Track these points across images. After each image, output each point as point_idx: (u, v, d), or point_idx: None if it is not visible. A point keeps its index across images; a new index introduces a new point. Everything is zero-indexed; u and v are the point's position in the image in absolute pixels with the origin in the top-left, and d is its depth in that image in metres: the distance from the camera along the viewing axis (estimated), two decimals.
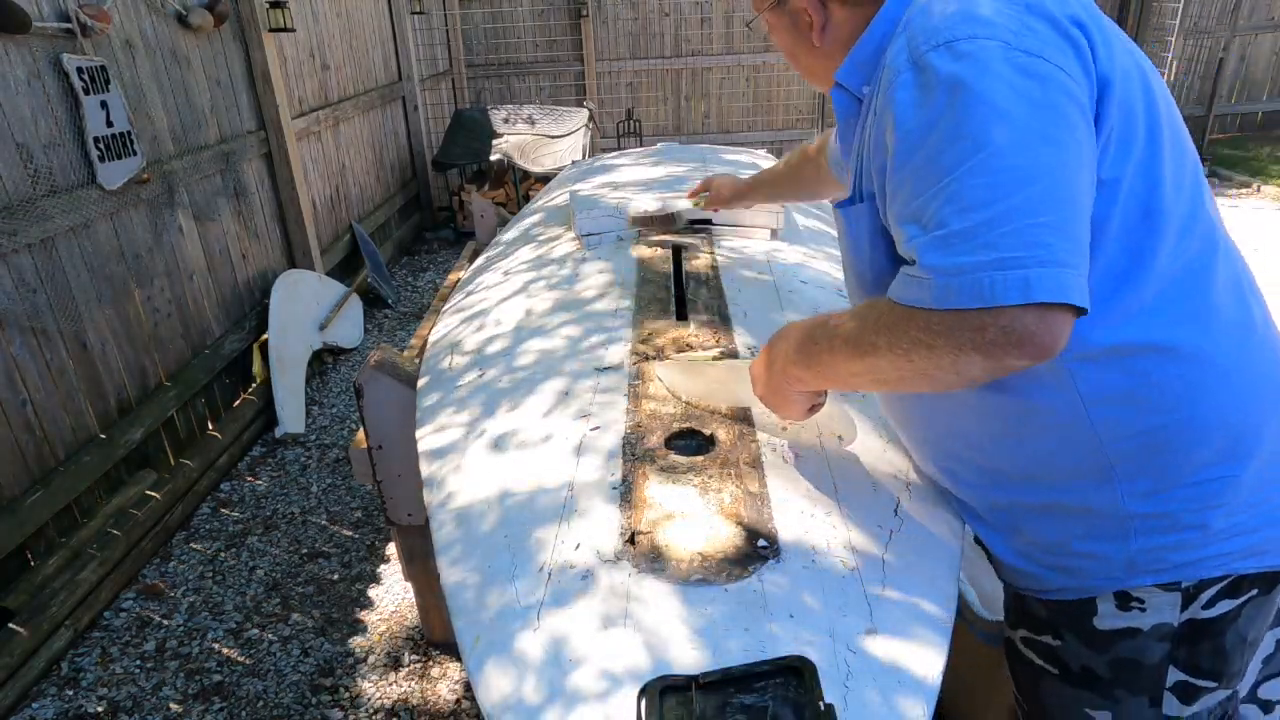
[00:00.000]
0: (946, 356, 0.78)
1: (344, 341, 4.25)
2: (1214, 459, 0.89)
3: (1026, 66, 0.77)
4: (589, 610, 0.92)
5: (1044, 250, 0.73)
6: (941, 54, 0.79)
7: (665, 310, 1.65)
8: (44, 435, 2.39)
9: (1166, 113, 0.88)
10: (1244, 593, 0.92)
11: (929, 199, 0.77)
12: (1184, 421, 0.89)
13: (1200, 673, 0.94)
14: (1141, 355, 0.87)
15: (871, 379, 0.91)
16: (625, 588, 0.94)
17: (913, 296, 0.79)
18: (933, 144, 0.78)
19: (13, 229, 2.26)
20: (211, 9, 3.29)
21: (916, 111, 0.80)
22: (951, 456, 1.05)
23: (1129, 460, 0.90)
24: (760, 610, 0.90)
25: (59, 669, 2.28)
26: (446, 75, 7.44)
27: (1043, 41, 0.78)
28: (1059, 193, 0.75)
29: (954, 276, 0.75)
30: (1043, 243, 0.73)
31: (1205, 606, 0.92)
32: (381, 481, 1.86)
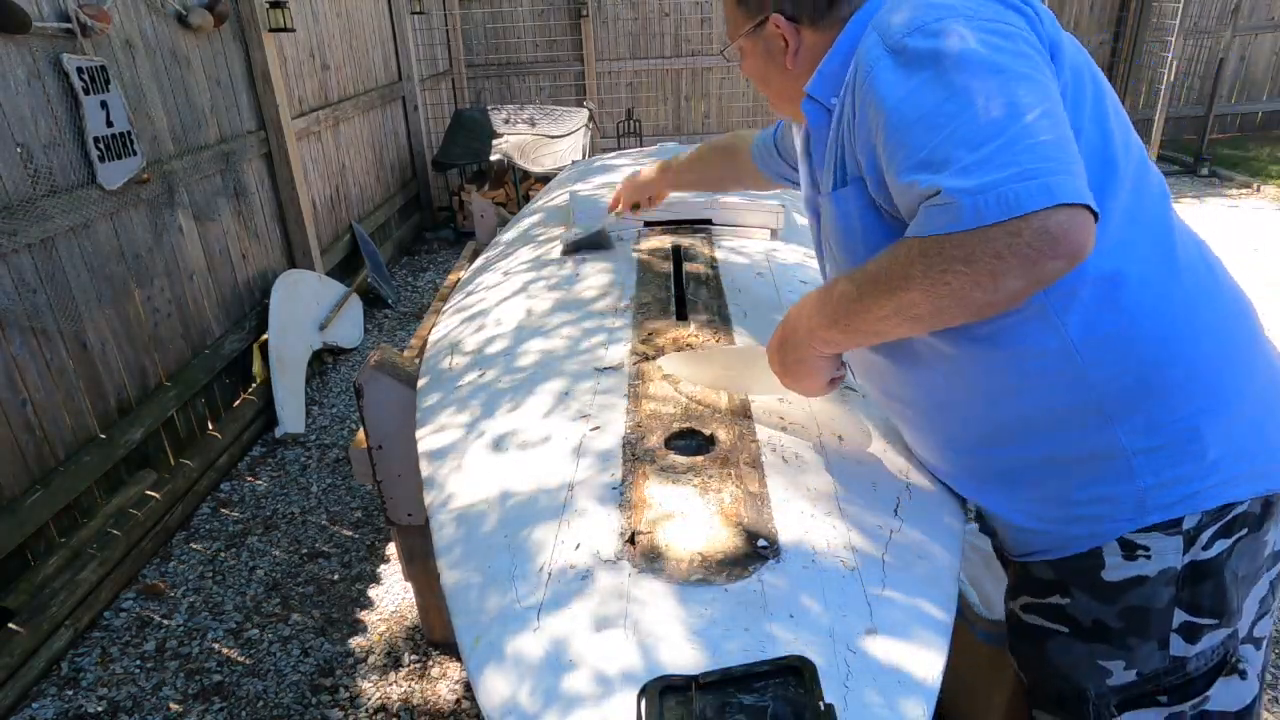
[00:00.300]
0: (984, 272, 0.80)
1: (344, 341, 4.25)
2: (1201, 390, 0.94)
3: (993, 29, 0.85)
4: (589, 610, 0.92)
5: (1055, 162, 0.78)
6: (916, 37, 0.86)
7: (665, 310, 1.65)
8: (44, 435, 2.39)
9: (1106, 86, 0.97)
10: (1236, 531, 0.97)
11: (936, 146, 0.82)
12: (1171, 357, 0.94)
13: (1202, 611, 0.97)
14: (1120, 289, 0.93)
15: (905, 318, 0.91)
16: (625, 588, 0.94)
17: (939, 224, 0.81)
18: (928, 103, 0.83)
19: (13, 229, 2.26)
20: (211, 9, 3.29)
21: (904, 83, 0.86)
22: (950, 429, 1.08)
23: (1122, 397, 0.94)
24: (760, 610, 0.90)
25: (59, 669, 2.28)
26: (446, 75, 7.45)
27: (997, 14, 0.87)
28: (1054, 117, 0.81)
29: (980, 195, 0.78)
30: (1052, 156, 0.78)
31: (1204, 548, 0.96)
32: (381, 481, 1.86)
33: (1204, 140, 7.18)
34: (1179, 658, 0.99)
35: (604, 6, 7.66)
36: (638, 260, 1.94)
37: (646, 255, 1.97)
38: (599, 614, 0.92)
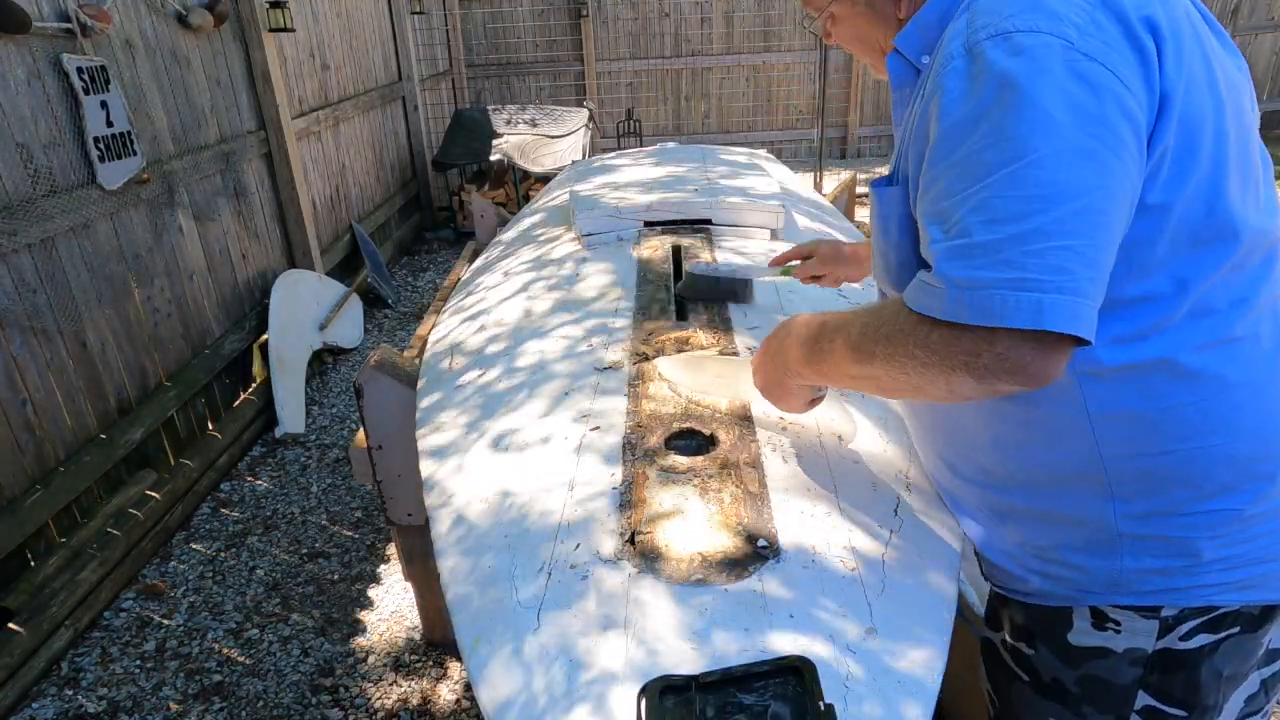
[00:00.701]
0: (939, 374, 0.77)
1: (344, 341, 4.25)
2: (1217, 491, 0.86)
3: (1084, 72, 0.72)
4: (589, 610, 0.92)
5: (1066, 277, 0.70)
6: (998, 45, 0.74)
7: (665, 310, 1.65)
8: (44, 435, 2.39)
9: (1238, 126, 0.81)
10: (1224, 629, 0.90)
11: (958, 202, 0.75)
12: (1193, 452, 0.85)
13: (1171, 701, 0.92)
14: (1159, 375, 0.83)
15: (871, 385, 0.91)
16: (625, 588, 0.94)
17: (923, 303, 0.77)
18: (973, 143, 0.74)
19: (13, 229, 2.26)
20: (211, 9, 3.29)
21: (962, 104, 0.76)
22: (953, 449, 1.04)
23: (1129, 480, 0.88)
24: (760, 610, 0.90)
25: (59, 669, 2.28)
26: (446, 75, 7.45)
27: (1107, 44, 0.73)
28: (1094, 216, 0.71)
29: (968, 290, 0.73)
30: (1066, 268, 0.70)
31: (1183, 638, 0.90)
32: (381, 481, 1.86)
33: None
34: None
35: (604, 6, 7.66)
36: (638, 260, 1.94)
37: (647, 255, 1.97)
38: (599, 614, 0.92)
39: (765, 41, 7.94)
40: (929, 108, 0.81)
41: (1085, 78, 0.72)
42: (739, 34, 7.88)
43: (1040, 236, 0.70)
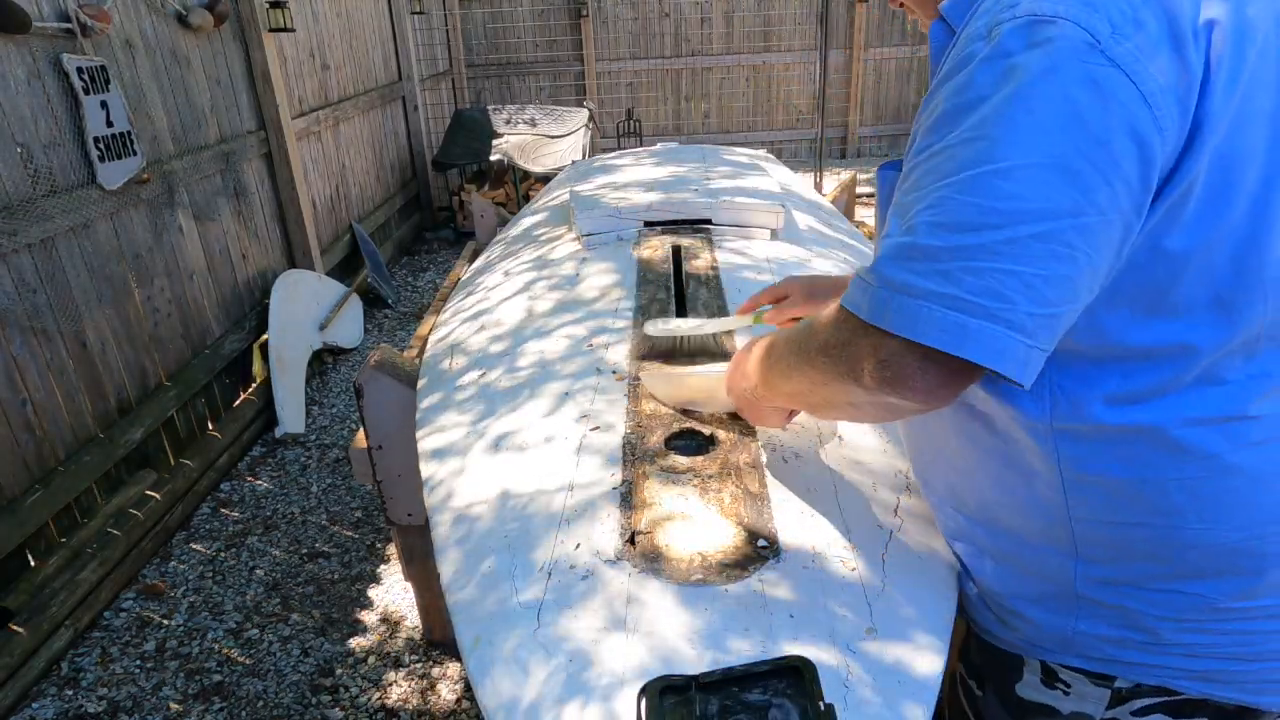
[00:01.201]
0: (836, 383, 0.73)
1: (344, 341, 4.25)
2: (1188, 574, 0.78)
3: (1099, 79, 0.62)
4: (589, 610, 0.92)
5: (1002, 304, 0.63)
6: (1018, 30, 0.65)
7: (665, 310, 1.65)
8: (44, 435, 2.39)
9: None
10: (1187, 715, 0.82)
11: (920, 196, 0.68)
12: (1169, 530, 0.76)
13: None
14: (1146, 444, 0.74)
15: (802, 403, 0.86)
16: (625, 588, 0.94)
17: (854, 301, 0.71)
18: (955, 135, 0.67)
19: (13, 229, 2.26)
20: (211, 9, 3.29)
21: (962, 91, 0.68)
22: (929, 469, 0.98)
23: (1096, 545, 0.80)
24: (760, 610, 0.90)
25: (59, 669, 2.28)
26: (446, 75, 7.45)
27: (1140, 50, 0.62)
28: (1054, 246, 0.63)
29: (898, 294, 0.67)
30: (1006, 296, 0.63)
31: (1135, 713, 0.84)
32: (381, 481, 1.86)
33: None
34: None
35: (604, 6, 7.66)
36: (638, 260, 1.94)
37: (647, 255, 1.97)
38: (599, 614, 0.92)
39: (765, 41, 7.94)
40: (934, 90, 0.73)
41: (1098, 86, 0.62)
42: (739, 34, 7.88)
43: (985, 254, 0.63)
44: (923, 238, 0.66)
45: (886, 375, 0.68)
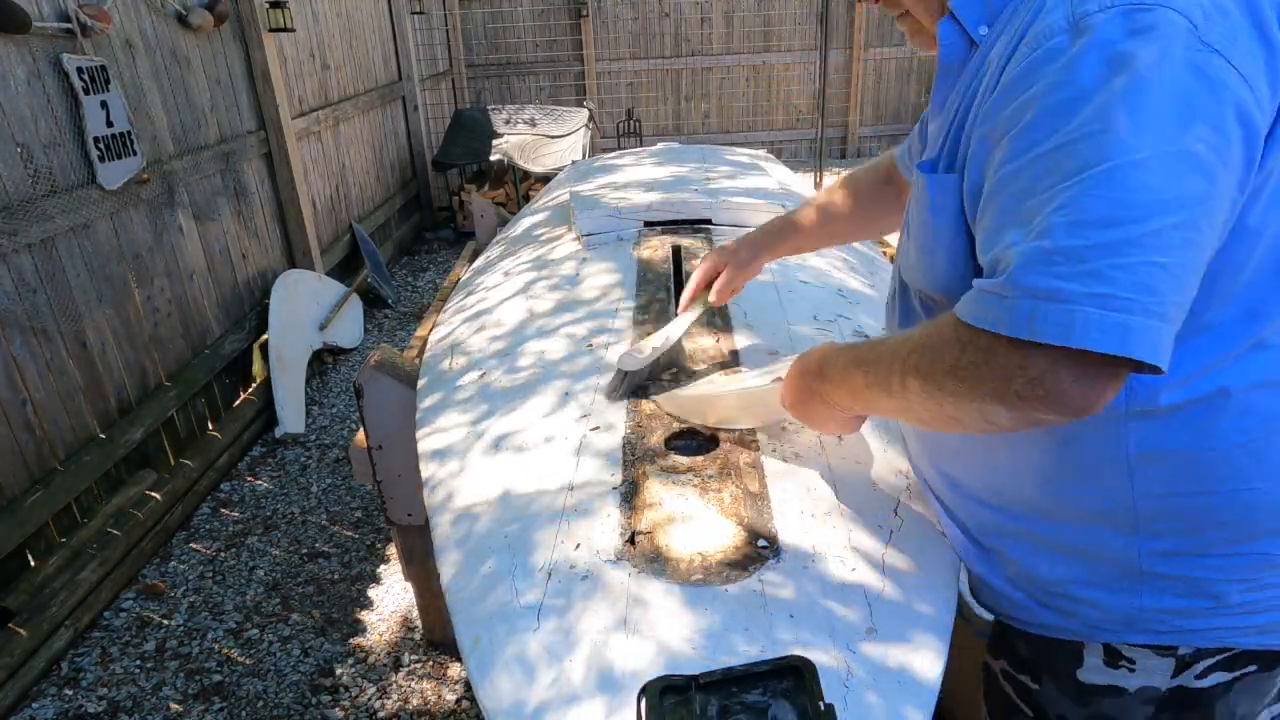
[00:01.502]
0: (970, 402, 0.70)
1: (344, 341, 4.25)
2: (1253, 535, 0.80)
3: (1204, 65, 0.62)
4: (589, 610, 0.92)
5: (1154, 298, 0.62)
6: (1115, 19, 0.64)
7: (665, 310, 1.65)
8: (44, 435, 2.39)
9: None
10: (1240, 667, 0.85)
11: (1044, 200, 0.65)
12: (1235, 494, 0.78)
13: None
14: (1213, 412, 0.76)
15: (912, 417, 0.83)
16: (625, 588, 0.94)
17: (982, 316, 0.67)
18: (1069, 132, 0.64)
19: (13, 229, 2.26)
20: (211, 9, 3.30)
21: (1062, 88, 0.66)
22: (960, 464, 0.95)
23: (1161, 519, 0.81)
24: (760, 610, 0.90)
25: (59, 669, 2.28)
26: (446, 75, 7.45)
27: (1231, 34, 0.63)
28: (1191, 234, 0.62)
29: (1045, 302, 0.63)
30: (1157, 289, 0.62)
31: (1199, 676, 0.86)
32: (381, 481, 1.86)
33: None
34: None
35: (604, 6, 7.66)
36: (638, 260, 1.94)
37: (647, 255, 1.97)
38: (599, 614, 0.92)
39: (765, 41, 7.94)
40: (1015, 92, 0.71)
41: (1204, 71, 0.62)
42: (739, 34, 7.88)
43: (1134, 249, 0.61)
44: (1062, 239, 0.63)
45: (1039, 392, 0.65)
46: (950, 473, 0.98)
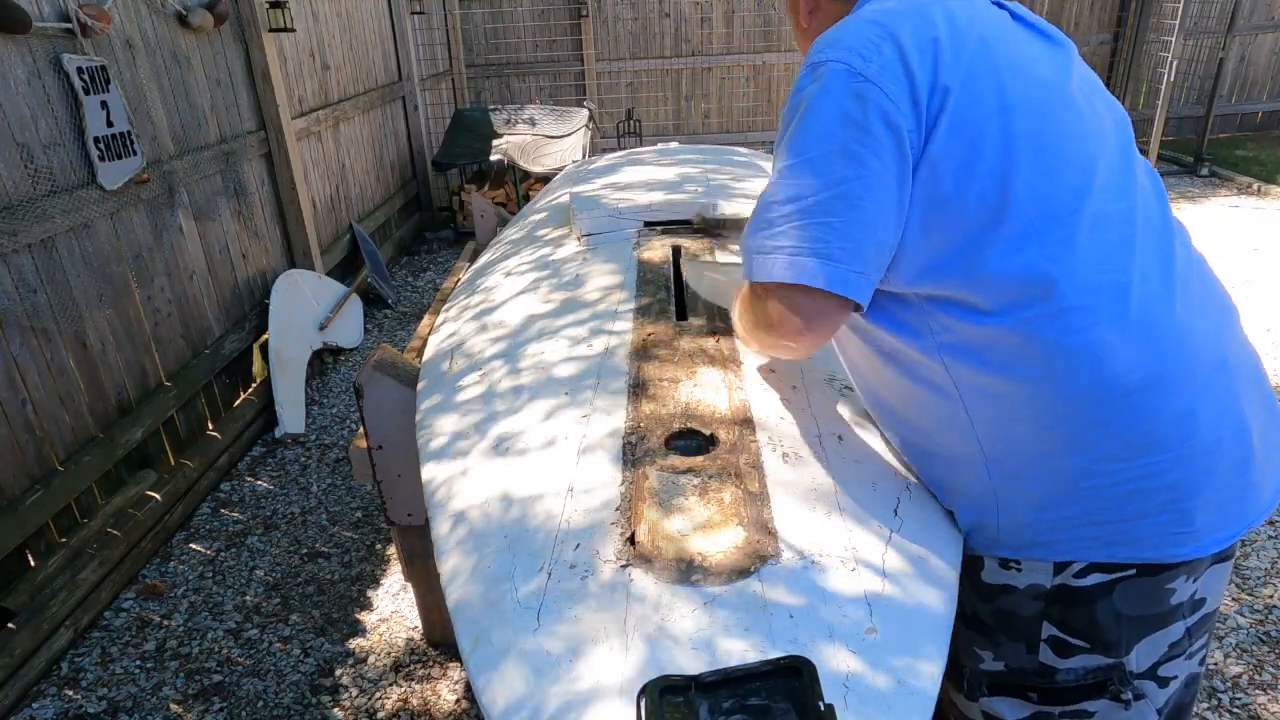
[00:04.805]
0: (745, 324, 1.03)
1: (344, 341, 4.25)
2: (1064, 449, 0.94)
3: (858, 91, 0.90)
4: (589, 611, 0.92)
5: (821, 245, 0.90)
6: (808, 71, 0.95)
7: (665, 310, 1.65)
8: (44, 435, 2.39)
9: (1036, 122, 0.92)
10: (1118, 571, 0.96)
11: (767, 192, 0.96)
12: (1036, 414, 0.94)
13: (1073, 633, 1.00)
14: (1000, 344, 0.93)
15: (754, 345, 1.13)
16: (625, 588, 0.94)
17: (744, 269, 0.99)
18: (781, 145, 0.96)
19: (13, 229, 2.26)
20: (211, 9, 3.29)
21: (785, 115, 0.98)
22: (879, 416, 1.17)
23: (996, 443, 0.98)
24: (760, 610, 0.90)
25: (59, 669, 2.28)
26: (446, 75, 7.44)
27: (881, 69, 0.90)
28: (852, 199, 0.89)
29: (753, 254, 0.95)
30: (821, 239, 0.90)
31: (1077, 575, 0.98)
32: (381, 481, 1.86)
33: (1204, 140, 7.17)
34: (1048, 665, 1.02)
35: (604, 6, 7.66)
36: (638, 261, 1.94)
37: (647, 256, 1.97)
38: (599, 614, 0.92)
39: (765, 41, 7.93)
40: None
41: (859, 95, 0.90)
42: (739, 34, 7.88)
43: (804, 215, 0.91)
44: (764, 211, 0.95)
45: (767, 319, 0.97)
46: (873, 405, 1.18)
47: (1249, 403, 0.97)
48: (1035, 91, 0.94)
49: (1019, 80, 0.94)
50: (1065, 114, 0.96)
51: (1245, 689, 2.04)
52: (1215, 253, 5.13)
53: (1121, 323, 0.90)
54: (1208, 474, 0.93)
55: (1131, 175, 0.98)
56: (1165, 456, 0.92)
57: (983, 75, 0.92)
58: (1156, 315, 0.92)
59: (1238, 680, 2.06)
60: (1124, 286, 0.91)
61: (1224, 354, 0.96)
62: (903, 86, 0.90)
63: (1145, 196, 0.98)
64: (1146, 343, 0.91)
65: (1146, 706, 1.02)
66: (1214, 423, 0.93)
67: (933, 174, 0.91)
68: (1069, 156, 0.94)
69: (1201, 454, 0.92)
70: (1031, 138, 0.92)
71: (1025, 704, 1.05)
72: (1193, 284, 0.98)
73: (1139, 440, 0.92)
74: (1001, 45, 0.95)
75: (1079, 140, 0.95)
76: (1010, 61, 0.95)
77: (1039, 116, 0.93)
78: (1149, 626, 0.99)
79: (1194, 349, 0.93)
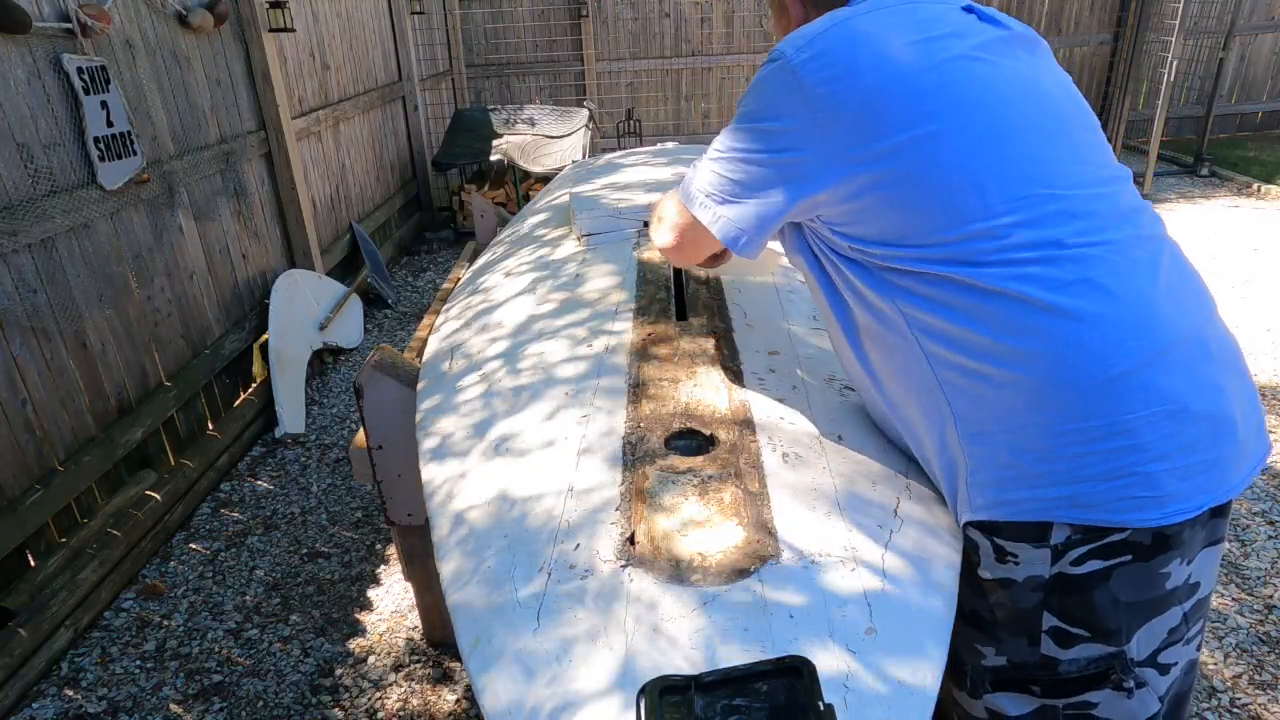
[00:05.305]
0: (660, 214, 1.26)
1: (344, 341, 4.25)
2: (1029, 405, 0.95)
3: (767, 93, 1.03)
4: (589, 611, 0.92)
5: (715, 195, 1.09)
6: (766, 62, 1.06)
7: (665, 310, 1.65)
8: (44, 435, 2.39)
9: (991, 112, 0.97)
10: (1115, 556, 0.96)
11: None
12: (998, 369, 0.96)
13: (1074, 622, 1.00)
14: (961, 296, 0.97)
15: None
16: (625, 588, 0.94)
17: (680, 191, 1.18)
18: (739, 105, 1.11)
19: (13, 229, 2.26)
20: (211, 9, 3.29)
21: None
22: (869, 401, 1.20)
23: (961, 396, 1.00)
24: (760, 610, 0.90)
25: (59, 669, 2.28)
26: (446, 75, 7.44)
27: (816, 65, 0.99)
28: (743, 164, 1.05)
29: (690, 177, 1.16)
30: (716, 190, 1.09)
31: (1074, 563, 0.97)
32: (381, 481, 1.86)
33: (1204, 140, 7.17)
34: (1050, 657, 1.02)
35: (604, 6, 7.65)
36: (638, 261, 1.94)
37: (647, 256, 1.97)
38: (599, 614, 0.92)
39: (765, 41, 7.93)
40: None
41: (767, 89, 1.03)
42: (739, 34, 7.88)
43: (717, 170, 1.09)
44: (709, 151, 1.12)
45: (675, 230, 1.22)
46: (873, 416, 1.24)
47: (1228, 380, 0.98)
48: (1000, 86, 0.99)
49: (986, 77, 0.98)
50: (1030, 109, 1.00)
51: (1245, 689, 2.04)
52: (1215, 253, 5.13)
53: (1093, 287, 0.94)
54: (1175, 438, 0.93)
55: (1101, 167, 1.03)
56: (1132, 418, 0.92)
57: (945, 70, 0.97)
58: (1134, 285, 0.95)
59: (1238, 680, 2.06)
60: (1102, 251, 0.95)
61: (1202, 332, 0.98)
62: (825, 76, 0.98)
63: (1116, 184, 1.02)
64: (1120, 307, 0.93)
65: (1149, 694, 1.02)
66: (1184, 389, 0.94)
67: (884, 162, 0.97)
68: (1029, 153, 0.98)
69: (1169, 418, 0.93)
70: (992, 130, 0.96)
71: (1029, 698, 1.05)
72: (1169, 266, 1.00)
73: (1104, 402, 0.93)
74: (959, 40, 1.00)
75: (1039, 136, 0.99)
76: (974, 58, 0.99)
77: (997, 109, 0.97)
78: (1147, 612, 1.00)
79: (1170, 319, 0.95)
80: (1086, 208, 0.97)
